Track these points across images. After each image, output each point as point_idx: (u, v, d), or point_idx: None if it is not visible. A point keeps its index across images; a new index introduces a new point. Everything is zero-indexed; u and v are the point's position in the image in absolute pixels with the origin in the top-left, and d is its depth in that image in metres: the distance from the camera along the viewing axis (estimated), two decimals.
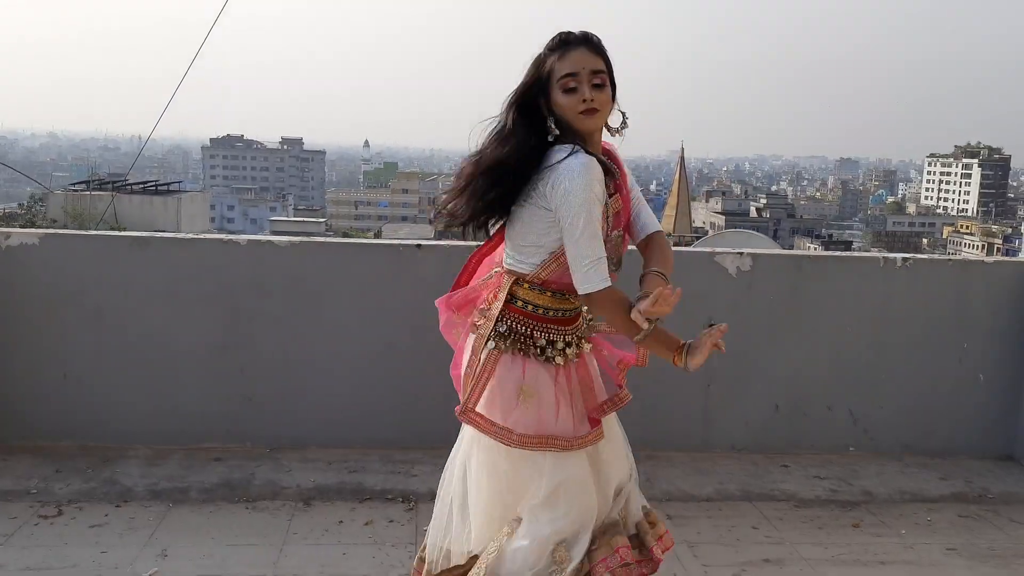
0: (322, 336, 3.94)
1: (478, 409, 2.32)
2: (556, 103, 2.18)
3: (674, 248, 4.20)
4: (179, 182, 58.61)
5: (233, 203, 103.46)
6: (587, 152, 2.19)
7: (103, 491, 3.50)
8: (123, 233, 4.10)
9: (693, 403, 4.10)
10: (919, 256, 4.16)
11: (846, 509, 3.70)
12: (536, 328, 2.30)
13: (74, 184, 39.44)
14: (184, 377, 3.90)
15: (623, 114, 2.27)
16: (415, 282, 3.97)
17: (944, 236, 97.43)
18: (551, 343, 2.31)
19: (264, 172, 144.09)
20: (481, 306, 2.42)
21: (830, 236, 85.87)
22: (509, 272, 2.35)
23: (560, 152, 2.19)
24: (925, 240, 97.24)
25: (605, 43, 2.25)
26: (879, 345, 4.15)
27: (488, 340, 2.31)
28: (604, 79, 2.19)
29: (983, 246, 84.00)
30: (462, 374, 2.43)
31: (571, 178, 2.14)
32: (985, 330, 4.15)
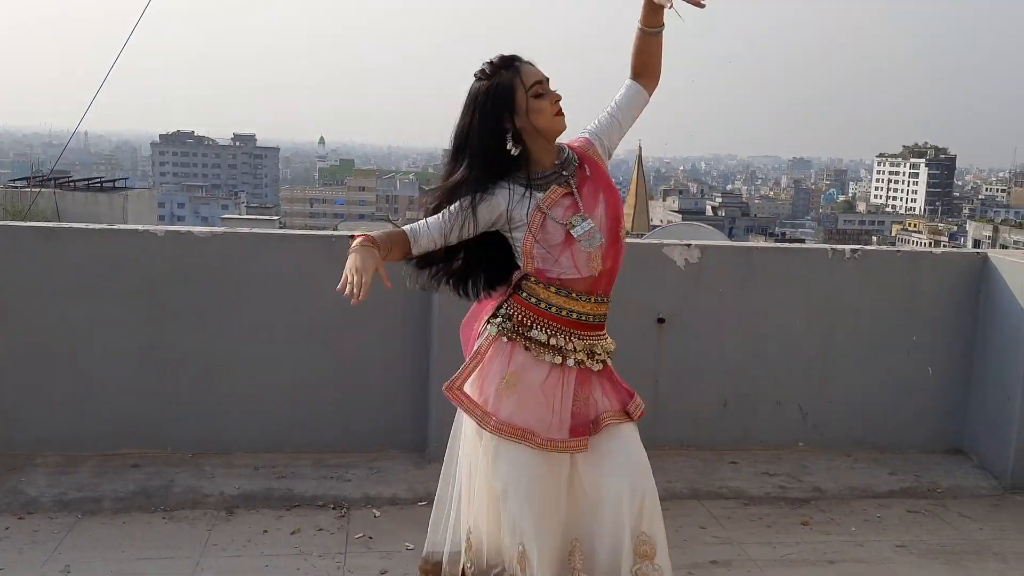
0: (249, 333, 3.72)
1: (465, 388, 2.36)
2: (531, 108, 2.25)
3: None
4: (125, 179, 57.14)
5: (183, 200, 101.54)
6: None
7: (5, 502, 3.24)
8: (29, 224, 3.83)
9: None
10: (867, 248, 4.08)
11: (795, 506, 3.59)
12: (536, 322, 2.31)
13: (14, 180, 38.24)
14: (99, 378, 3.65)
15: None
16: None
17: (893, 234, 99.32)
18: (549, 340, 2.30)
19: (216, 169, 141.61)
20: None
21: (783, 234, 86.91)
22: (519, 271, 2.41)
23: None
24: (875, 238, 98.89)
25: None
26: (828, 338, 4.06)
27: (489, 324, 2.37)
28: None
29: (930, 243, 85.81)
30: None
31: None
32: (934, 322, 4.07)
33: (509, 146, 2.28)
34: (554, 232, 2.28)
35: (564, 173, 2.34)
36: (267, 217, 74.60)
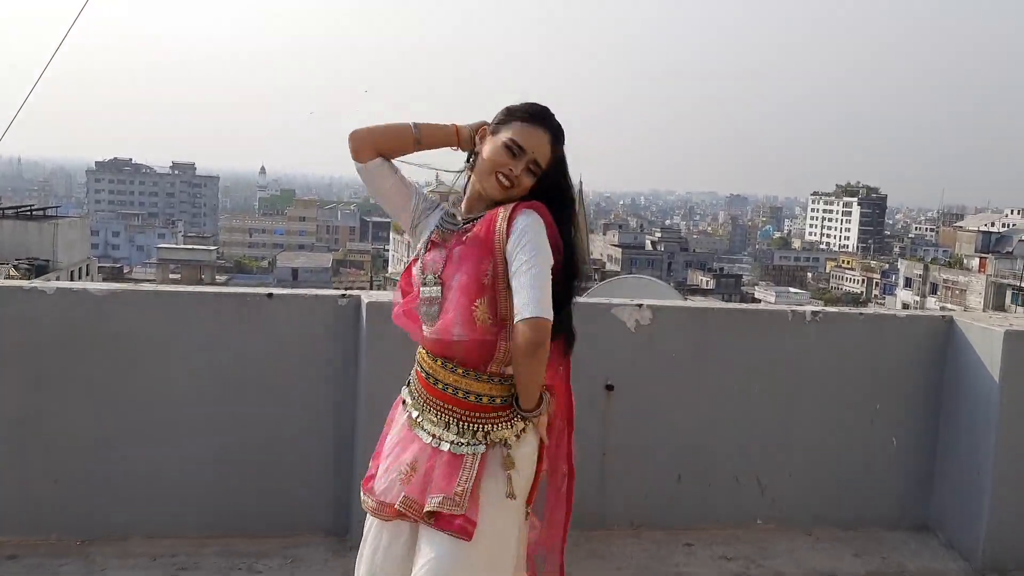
0: (149, 403, 3.29)
1: None
2: (488, 147, 2.12)
3: None
4: (57, 207, 55.50)
5: (119, 229, 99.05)
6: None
7: None
8: None
9: (587, 474, 3.57)
10: (829, 310, 3.82)
11: None
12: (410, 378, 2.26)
13: None
14: None
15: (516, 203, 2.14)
16: (265, 338, 3.37)
17: (827, 270, 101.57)
18: (405, 393, 2.24)
19: (153, 197, 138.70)
20: None
21: (721, 269, 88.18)
22: None
23: None
24: (810, 274, 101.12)
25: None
26: (788, 406, 3.78)
27: None
28: (539, 171, 2.12)
29: (863, 280, 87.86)
30: None
31: None
32: (898, 390, 3.83)
33: (467, 165, 2.21)
34: (417, 273, 2.19)
35: (464, 225, 2.17)
36: (204, 247, 73.08)
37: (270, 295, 3.40)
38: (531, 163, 2.11)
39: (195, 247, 73.14)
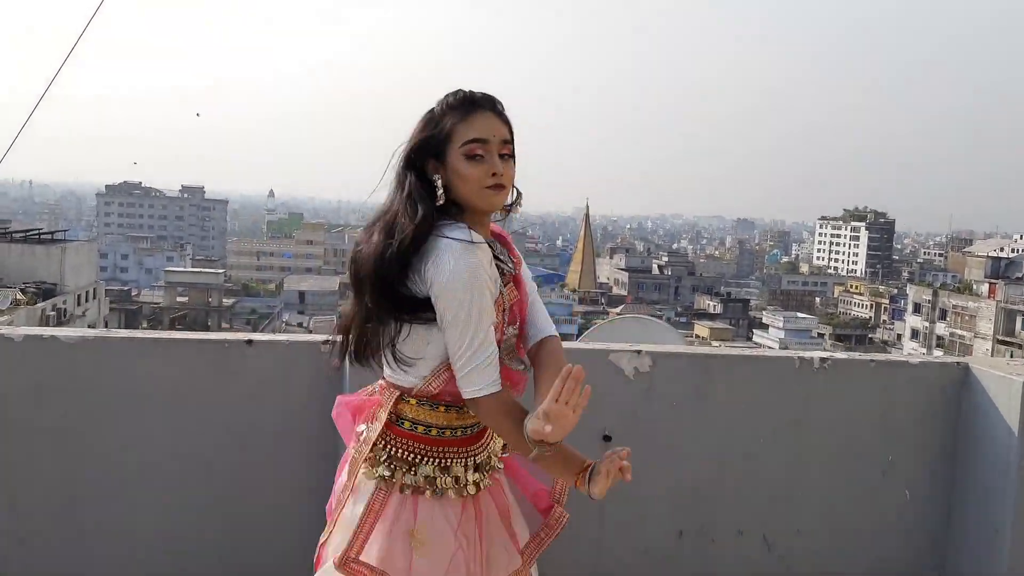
0: (121, 455, 3.13)
1: (363, 559, 1.94)
2: (456, 171, 1.92)
3: (563, 343, 3.57)
4: (65, 231, 55.90)
5: (127, 252, 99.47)
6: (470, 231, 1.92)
7: None
8: None
9: (584, 530, 3.42)
10: (837, 356, 3.65)
11: None
12: (427, 454, 1.97)
13: None
14: None
15: (517, 191, 2.04)
16: (243, 387, 3.22)
17: (835, 295, 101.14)
18: (446, 470, 1.98)
19: (163, 221, 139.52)
20: (364, 422, 2.09)
21: (728, 294, 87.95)
22: (391, 386, 2.02)
23: (442, 227, 1.90)
24: (818, 299, 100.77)
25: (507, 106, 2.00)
26: (795, 457, 3.60)
27: (369, 470, 2.00)
28: (511, 150, 1.97)
29: (871, 305, 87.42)
30: (332, 503, 2.13)
31: (455, 259, 1.84)
32: (911, 440, 3.65)
33: (439, 193, 1.92)
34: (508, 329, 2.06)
35: (501, 259, 2.01)
36: (212, 271, 73.28)
37: (249, 341, 3.24)
38: (501, 148, 1.94)
39: (202, 270, 73.32)
